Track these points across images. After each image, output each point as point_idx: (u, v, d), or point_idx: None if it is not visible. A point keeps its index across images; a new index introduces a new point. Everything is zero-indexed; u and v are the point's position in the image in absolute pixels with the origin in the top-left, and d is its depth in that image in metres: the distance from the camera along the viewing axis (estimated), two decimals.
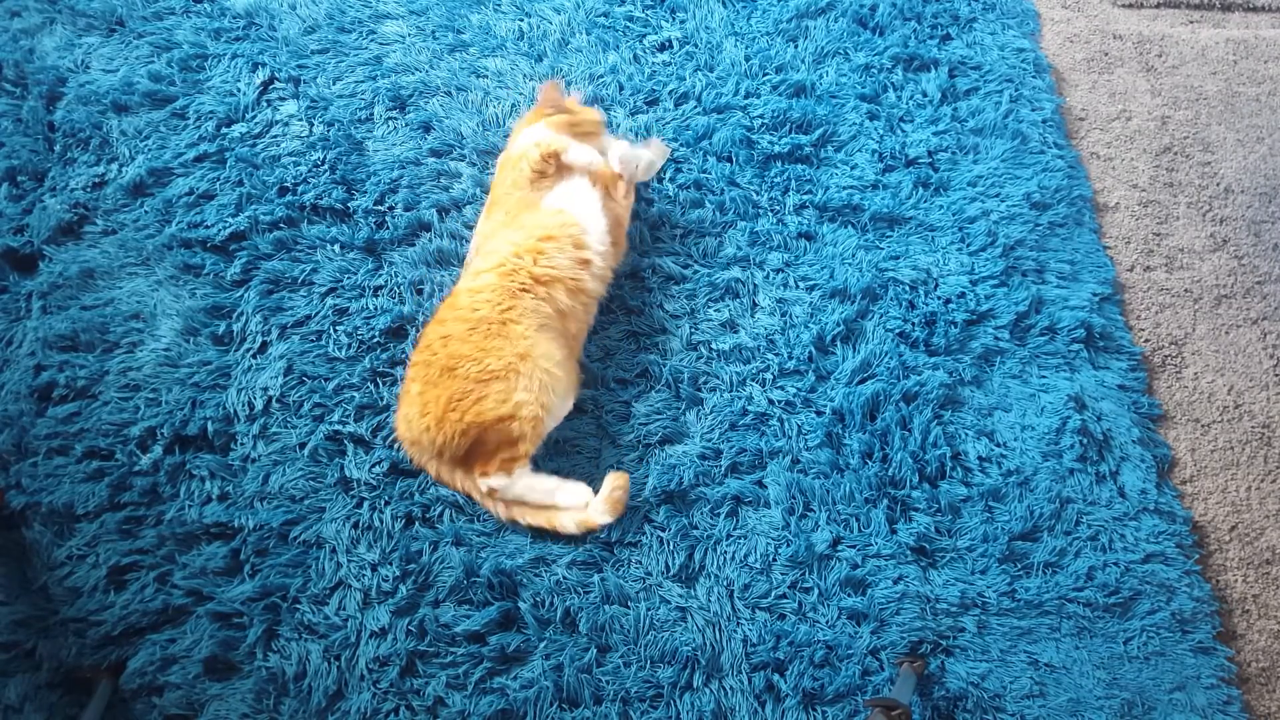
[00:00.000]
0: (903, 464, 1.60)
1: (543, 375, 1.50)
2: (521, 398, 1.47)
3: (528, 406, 1.47)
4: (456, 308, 1.53)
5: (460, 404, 1.46)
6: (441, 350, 1.50)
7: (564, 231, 1.58)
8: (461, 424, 1.46)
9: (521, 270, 1.53)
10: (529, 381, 1.48)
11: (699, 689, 1.42)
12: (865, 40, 2.14)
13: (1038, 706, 1.44)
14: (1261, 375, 1.80)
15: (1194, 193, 2.03)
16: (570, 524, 1.50)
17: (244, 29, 2.04)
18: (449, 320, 1.52)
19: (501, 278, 1.53)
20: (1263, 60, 2.25)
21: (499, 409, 1.46)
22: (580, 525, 1.50)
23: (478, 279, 1.56)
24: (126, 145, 1.85)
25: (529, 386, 1.48)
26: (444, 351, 1.49)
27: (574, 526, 1.50)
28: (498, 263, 1.55)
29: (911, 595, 1.51)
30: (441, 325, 1.53)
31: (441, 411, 1.46)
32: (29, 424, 1.56)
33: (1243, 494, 1.67)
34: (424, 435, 1.48)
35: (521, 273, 1.53)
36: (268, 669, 1.41)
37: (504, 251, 1.57)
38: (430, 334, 1.54)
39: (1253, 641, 1.54)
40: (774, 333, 1.74)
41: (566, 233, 1.58)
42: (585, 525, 1.50)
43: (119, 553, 1.47)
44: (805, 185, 1.92)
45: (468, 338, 1.49)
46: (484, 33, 2.09)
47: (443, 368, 1.48)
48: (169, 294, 1.70)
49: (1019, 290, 1.81)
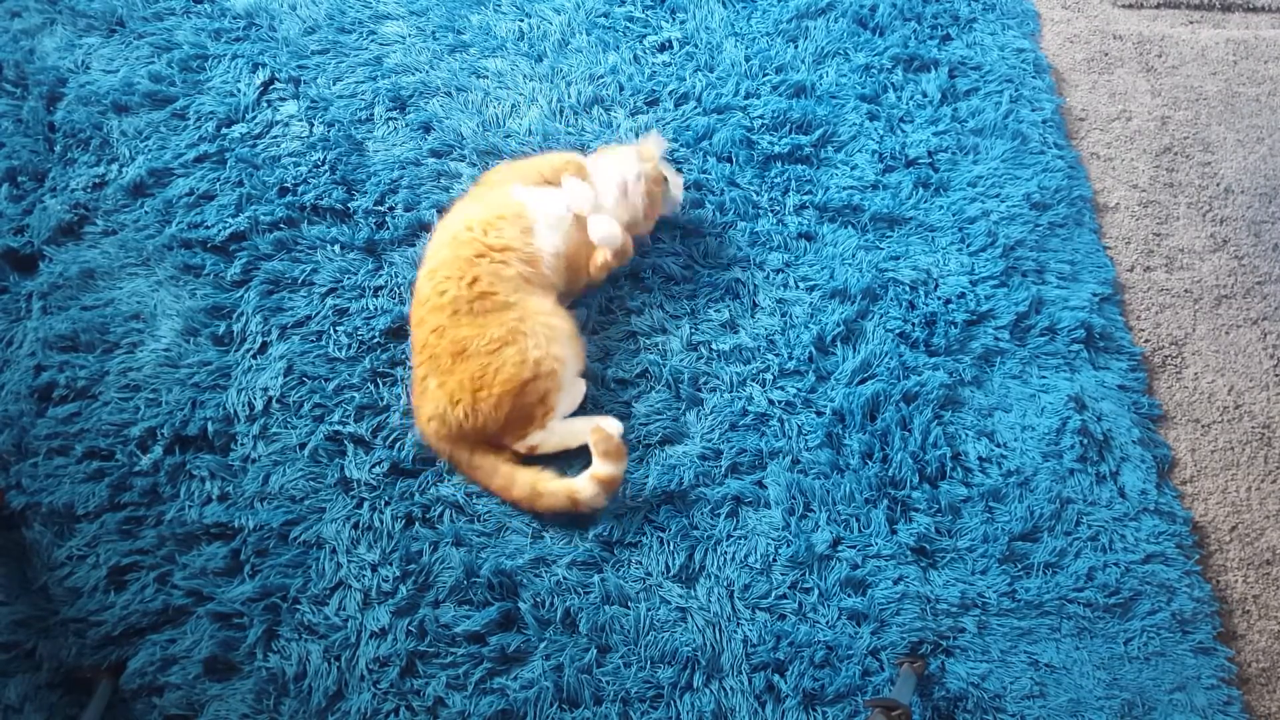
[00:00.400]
0: (903, 464, 1.60)
1: (544, 329, 1.53)
2: (536, 355, 1.50)
3: (545, 362, 1.50)
4: (425, 301, 1.55)
5: (484, 379, 1.48)
6: (440, 342, 1.50)
7: (516, 219, 1.60)
8: (493, 398, 1.47)
9: (474, 241, 1.56)
10: (536, 339, 1.51)
11: (699, 689, 1.42)
12: (865, 40, 2.14)
13: (1038, 707, 1.44)
14: (1261, 375, 1.80)
15: (1194, 193, 2.03)
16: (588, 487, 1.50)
17: (244, 29, 2.04)
18: (426, 317, 1.54)
19: (454, 248, 1.56)
20: (1263, 60, 2.25)
21: (521, 371, 1.48)
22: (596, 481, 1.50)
23: (432, 259, 1.59)
24: (127, 146, 1.85)
25: (538, 344, 1.51)
26: (444, 341, 1.50)
27: (592, 486, 1.50)
28: (450, 236, 1.59)
29: (912, 596, 1.51)
30: (423, 325, 1.54)
31: (471, 393, 1.48)
32: (29, 424, 1.56)
33: (1243, 494, 1.67)
34: (464, 422, 1.49)
35: (475, 243, 1.56)
36: (268, 669, 1.41)
37: (456, 225, 1.60)
38: (419, 337, 1.55)
39: (1253, 642, 1.54)
40: (774, 333, 1.74)
41: (518, 221, 1.60)
42: (601, 480, 1.50)
43: (119, 553, 1.47)
44: (805, 186, 1.92)
45: (458, 321, 1.50)
46: (484, 33, 2.09)
47: (452, 355, 1.49)
48: (169, 294, 1.70)
49: (1019, 290, 1.81)
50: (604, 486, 1.50)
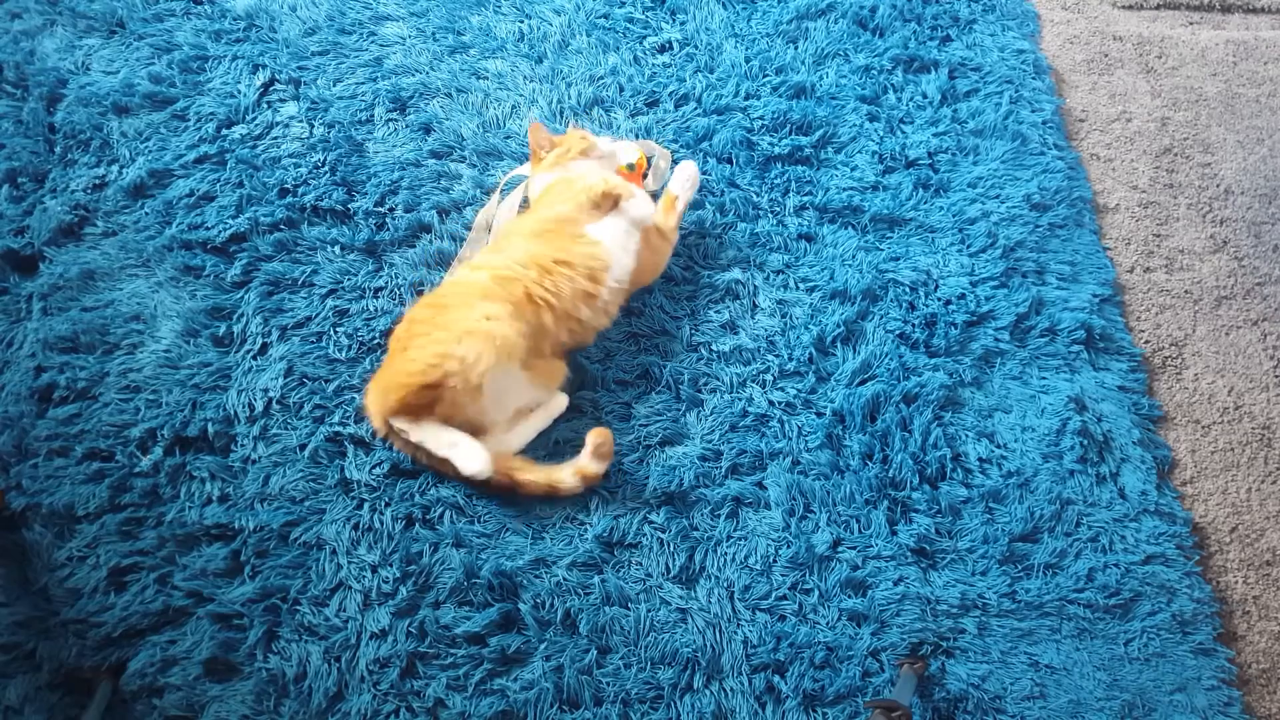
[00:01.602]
0: (903, 465, 1.60)
1: (486, 329, 1.47)
2: (453, 350, 1.45)
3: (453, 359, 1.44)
4: (427, 301, 1.59)
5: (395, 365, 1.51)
6: (404, 333, 1.55)
7: (585, 264, 1.58)
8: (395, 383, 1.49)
9: (518, 281, 1.53)
10: (470, 339, 1.46)
11: (699, 690, 1.42)
12: (865, 42, 2.14)
13: (1038, 708, 1.44)
14: (1261, 376, 1.80)
15: (1194, 194, 2.03)
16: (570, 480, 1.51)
17: (244, 31, 2.04)
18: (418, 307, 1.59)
19: (495, 281, 1.54)
20: (1262, 62, 2.25)
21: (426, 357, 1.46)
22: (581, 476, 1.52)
23: (471, 273, 1.58)
24: (127, 147, 1.86)
25: (467, 343, 1.45)
26: (406, 333, 1.54)
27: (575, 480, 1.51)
28: (501, 264, 1.56)
29: (912, 597, 1.51)
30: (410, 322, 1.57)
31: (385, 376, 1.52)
32: (29, 425, 1.56)
33: (1243, 495, 1.67)
34: (368, 399, 1.55)
35: (517, 284, 1.53)
36: (268, 670, 1.41)
37: (515, 255, 1.57)
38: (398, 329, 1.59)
39: (1253, 643, 1.54)
40: (774, 334, 1.74)
41: (586, 265, 1.58)
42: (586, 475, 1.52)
43: (119, 554, 1.47)
44: (805, 187, 1.92)
45: (429, 318, 1.53)
46: (484, 34, 2.09)
47: (402, 346, 1.52)
48: (169, 295, 1.70)
49: (1019, 291, 1.81)
50: (584, 482, 1.53)
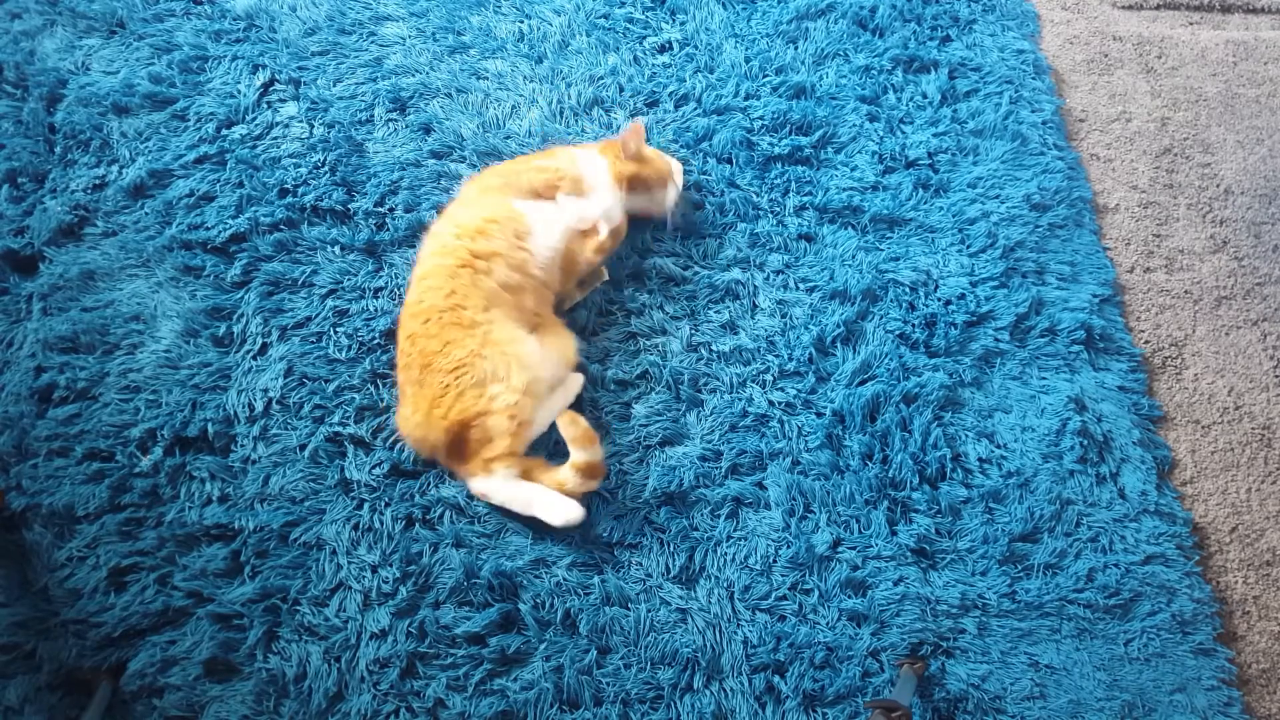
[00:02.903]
0: (903, 465, 1.60)
1: (509, 359, 1.49)
2: (495, 390, 1.47)
3: (501, 398, 1.47)
4: (407, 306, 1.57)
5: (443, 400, 1.47)
6: (413, 350, 1.51)
7: (510, 225, 1.59)
8: (446, 421, 1.47)
9: (459, 249, 1.55)
10: (496, 370, 1.47)
11: (699, 690, 1.42)
12: (865, 42, 2.14)
13: (1038, 708, 1.44)
14: (1261, 377, 1.80)
15: (1194, 194, 2.03)
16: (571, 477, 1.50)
17: (244, 31, 2.04)
18: (406, 321, 1.55)
19: (441, 256, 1.55)
20: (1262, 62, 2.25)
21: (478, 404, 1.46)
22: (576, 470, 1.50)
23: (422, 266, 1.59)
24: (127, 147, 1.85)
25: (497, 374, 1.47)
26: (415, 350, 1.51)
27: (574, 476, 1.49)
28: (439, 246, 1.58)
29: (912, 597, 1.51)
30: (402, 329, 1.55)
31: (427, 408, 1.48)
32: (29, 425, 1.56)
33: (1243, 495, 1.67)
34: (415, 432, 1.51)
35: (460, 251, 1.55)
36: (268, 670, 1.41)
37: (445, 231, 1.60)
38: (399, 341, 1.56)
39: (1253, 643, 1.54)
40: (774, 334, 1.74)
41: (512, 225, 1.59)
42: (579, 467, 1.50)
43: (119, 554, 1.47)
44: (805, 187, 1.92)
45: (428, 331, 1.50)
46: (484, 34, 2.09)
47: (421, 366, 1.50)
48: (169, 295, 1.70)
49: (1019, 292, 1.81)
50: (585, 473, 1.49)
